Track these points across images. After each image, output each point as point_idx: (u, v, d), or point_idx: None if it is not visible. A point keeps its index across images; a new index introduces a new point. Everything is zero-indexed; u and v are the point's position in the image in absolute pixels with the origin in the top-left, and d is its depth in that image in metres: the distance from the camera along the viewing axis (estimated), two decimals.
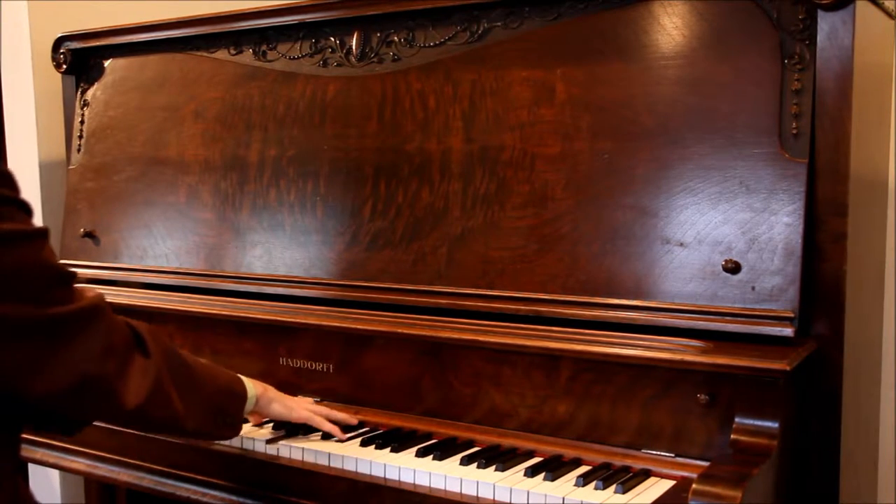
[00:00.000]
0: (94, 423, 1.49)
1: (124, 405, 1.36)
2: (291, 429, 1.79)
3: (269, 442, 1.75)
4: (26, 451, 2.11)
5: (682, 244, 1.61)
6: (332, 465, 1.67)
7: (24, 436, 2.08)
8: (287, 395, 1.78)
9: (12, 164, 2.70)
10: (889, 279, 2.09)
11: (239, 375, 1.68)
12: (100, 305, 1.34)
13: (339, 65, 2.05)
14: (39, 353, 1.25)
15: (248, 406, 1.67)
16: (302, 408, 1.76)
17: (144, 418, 1.43)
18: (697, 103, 1.63)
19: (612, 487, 1.48)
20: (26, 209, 1.25)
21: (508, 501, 1.50)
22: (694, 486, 1.32)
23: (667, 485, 1.51)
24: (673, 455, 1.56)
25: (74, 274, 1.33)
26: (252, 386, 1.69)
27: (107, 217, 2.38)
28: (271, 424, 1.83)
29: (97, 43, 2.43)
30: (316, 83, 2.07)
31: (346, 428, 1.79)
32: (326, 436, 1.75)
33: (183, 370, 1.50)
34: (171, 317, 2.14)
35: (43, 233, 1.26)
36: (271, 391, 1.74)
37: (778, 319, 1.51)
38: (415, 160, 1.91)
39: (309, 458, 1.70)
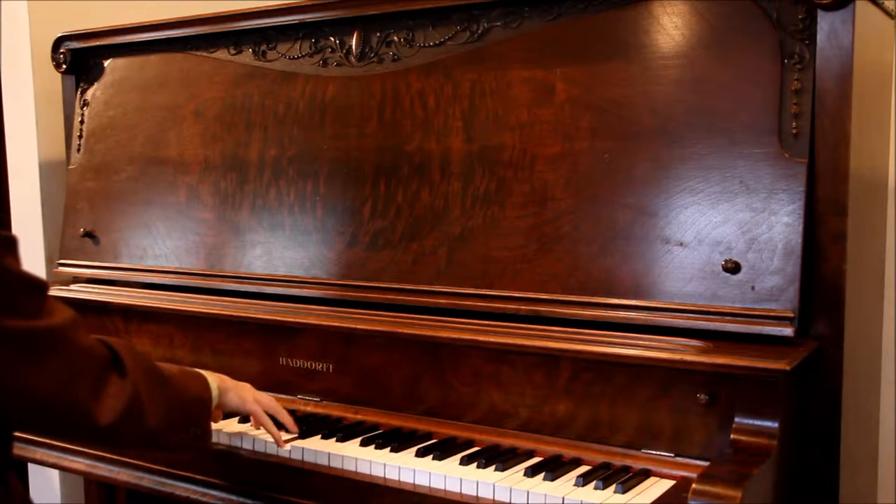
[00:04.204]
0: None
1: (97, 424, 1.36)
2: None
3: (269, 441, 1.75)
4: (26, 451, 2.11)
5: (681, 244, 1.61)
6: (332, 465, 1.67)
7: (25, 436, 2.09)
8: (239, 384, 1.74)
9: (12, 164, 2.70)
10: (889, 279, 2.08)
11: (200, 372, 1.65)
12: (69, 327, 1.33)
13: (338, 65, 2.05)
14: (4, 367, 1.24)
15: (213, 404, 1.64)
16: (253, 400, 1.73)
17: (117, 436, 1.41)
18: (697, 103, 1.63)
19: (612, 487, 1.48)
20: None
21: (508, 501, 1.50)
22: (694, 485, 1.32)
23: (667, 485, 1.51)
24: (673, 455, 1.55)
25: (44, 284, 1.30)
26: (212, 379, 1.65)
27: (107, 217, 2.38)
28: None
29: (97, 43, 2.43)
30: (316, 83, 2.07)
31: (347, 427, 1.79)
32: (327, 435, 1.75)
33: (159, 387, 1.49)
34: (171, 317, 2.14)
35: (8, 240, 1.24)
36: (227, 380, 1.71)
37: (778, 319, 1.51)
38: (415, 160, 1.91)
39: (309, 458, 1.70)
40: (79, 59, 2.48)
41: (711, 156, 1.60)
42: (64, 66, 2.48)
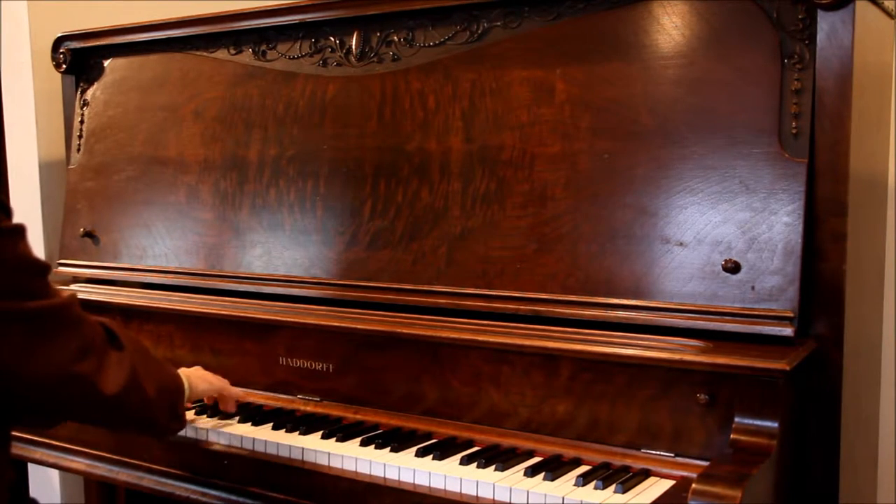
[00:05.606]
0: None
1: (104, 394, 1.42)
2: (292, 426, 1.79)
3: (269, 441, 1.75)
4: (26, 450, 2.11)
5: (681, 244, 1.61)
6: (331, 464, 1.67)
7: (24, 436, 2.09)
8: (191, 370, 1.83)
9: (12, 164, 2.70)
10: (889, 279, 2.08)
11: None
12: (74, 303, 1.40)
13: (338, 64, 2.05)
14: (21, 347, 1.30)
15: (186, 395, 1.71)
16: (214, 378, 1.86)
17: (123, 408, 1.48)
18: (697, 103, 1.63)
19: (612, 487, 1.48)
20: (6, 210, 1.30)
21: (508, 501, 1.50)
22: (694, 485, 1.32)
23: (666, 484, 1.51)
24: (672, 455, 1.55)
25: (49, 266, 1.38)
26: (181, 374, 1.73)
27: (106, 217, 2.38)
28: (270, 424, 1.83)
29: (97, 43, 2.43)
30: (316, 83, 2.07)
31: (347, 427, 1.79)
32: (326, 435, 1.75)
33: (149, 361, 1.57)
34: (171, 317, 2.14)
35: (20, 229, 1.32)
36: (191, 373, 1.80)
37: (777, 319, 1.51)
38: (414, 160, 1.91)
39: (309, 458, 1.70)
40: (79, 59, 2.48)
41: (711, 156, 1.60)
42: (64, 66, 2.48)
